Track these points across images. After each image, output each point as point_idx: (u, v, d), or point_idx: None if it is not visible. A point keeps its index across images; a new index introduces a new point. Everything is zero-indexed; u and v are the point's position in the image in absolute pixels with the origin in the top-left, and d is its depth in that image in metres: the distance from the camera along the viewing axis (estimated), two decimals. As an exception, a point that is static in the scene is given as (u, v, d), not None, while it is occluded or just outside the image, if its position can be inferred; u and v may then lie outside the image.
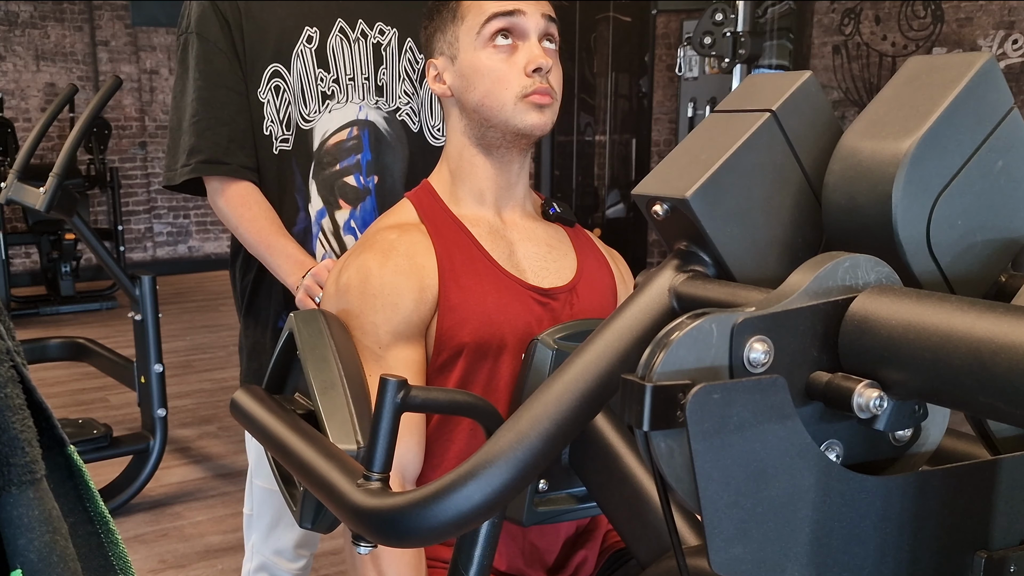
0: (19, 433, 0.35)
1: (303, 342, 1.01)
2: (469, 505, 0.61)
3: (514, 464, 0.61)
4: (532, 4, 1.18)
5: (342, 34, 1.59)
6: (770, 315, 0.49)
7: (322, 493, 0.76)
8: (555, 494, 1.03)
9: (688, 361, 0.48)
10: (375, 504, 0.67)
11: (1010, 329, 0.42)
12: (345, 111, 1.59)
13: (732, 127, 0.61)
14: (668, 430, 0.48)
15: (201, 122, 1.55)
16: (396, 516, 0.64)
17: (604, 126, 6.65)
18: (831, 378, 0.49)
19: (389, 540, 0.68)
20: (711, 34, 3.02)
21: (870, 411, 0.48)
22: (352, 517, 0.70)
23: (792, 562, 0.48)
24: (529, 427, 0.61)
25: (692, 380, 0.47)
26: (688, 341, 0.48)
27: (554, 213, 1.28)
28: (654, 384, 0.47)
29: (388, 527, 0.66)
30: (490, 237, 1.22)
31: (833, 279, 0.51)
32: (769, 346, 0.49)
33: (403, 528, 0.64)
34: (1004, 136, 0.56)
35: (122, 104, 7.38)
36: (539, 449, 0.61)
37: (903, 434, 0.54)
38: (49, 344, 3.50)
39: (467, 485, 0.61)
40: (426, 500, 0.62)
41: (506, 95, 1.17)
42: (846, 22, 6.39)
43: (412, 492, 0.64)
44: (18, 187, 2.75)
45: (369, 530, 0.68)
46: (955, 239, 0.56)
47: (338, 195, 1.59)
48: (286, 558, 1.74)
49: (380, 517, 0.66)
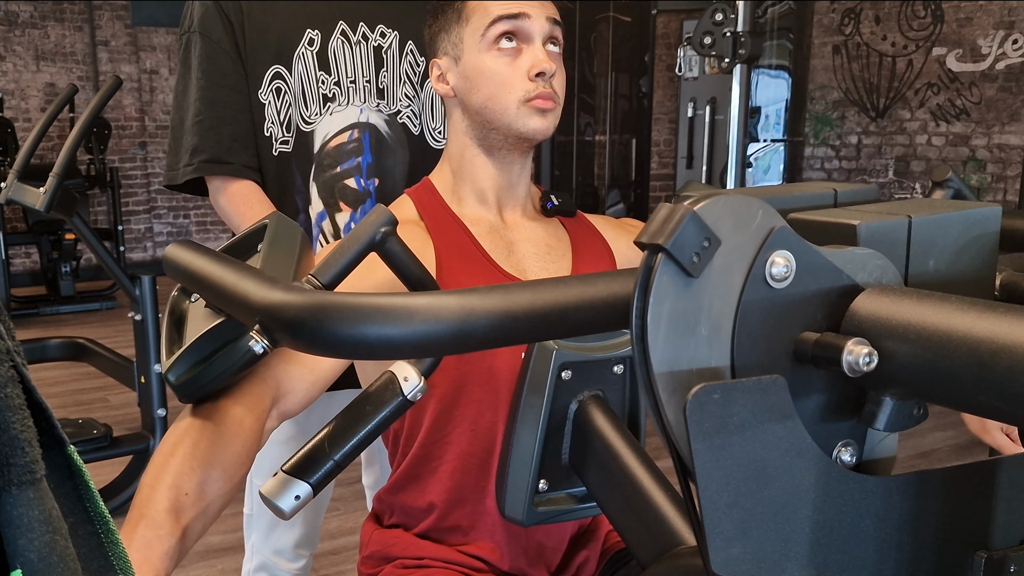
0: (19, 433, 0.35)
1: (272, 235, 0.88)
2: (404, 333, 0.55)
3: (462, 320, 0.55)
4: (537, 7, 1.18)
5: (343, 37, 1.59)
6: (806, 245, 0.49)
7: (233, 293, 0.65)
8: (555, 494, 1.03)
9: (724, 223, 0.47)
10: (304, 298, 0.58)
11: (1010, 329, 0.42)
12: (346, 114, 1.59)
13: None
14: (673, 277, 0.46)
15: (204, 122, 1.55)
16: (325, 311, 0.56)
17: (604, 126, 6.65)
18: (820, 336, 0.49)
19: (300, 336, 0.58)
20: (711, 34, 3.02)
21: (860, 369, 0.47)
22: (268, 306, 0.60)
23: (792, 562, 0.48)
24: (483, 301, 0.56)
25: (721, 240, 0.46)
26: (736, 206, 0.47)
27: (552, 207, 1.28)
28: (695, 211, 0.45)
29: (309, 320, 0.56)
30: (489, 236, 1.22)
31: (863, 268, 0.51)
32: (791, 266, 0.48)
33: (325, 325, 0.56)
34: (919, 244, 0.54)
35: (122, 104, 7.39)
36: (488, 323, 0.55)
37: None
38: (49, 344, 3.50)
39: (413, 315, 0.55)
40: (369, 307, 0.55)
41: (509, 99, 1.17)
42: (846, 22, 6.39)
43: (351, 295, 0.57)
44: (18, 187, 2.75)
45: (283, 320, 0.58)
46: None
47: (338, 197, 1.59)
48: (286, 558, 1.74)
49: (305, 308, 0.57)
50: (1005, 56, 5.67)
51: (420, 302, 0.55)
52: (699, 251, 0.46)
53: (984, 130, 5.81)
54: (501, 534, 1.20)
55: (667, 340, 0.47)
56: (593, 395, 0.95)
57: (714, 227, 0.46)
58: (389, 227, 0.74)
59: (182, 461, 0.82)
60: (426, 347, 0.56)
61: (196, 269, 0.73)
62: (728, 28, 2.98)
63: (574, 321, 0.57)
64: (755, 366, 0.49)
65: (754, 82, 5.48)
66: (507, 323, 0.56)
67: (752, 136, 5.74)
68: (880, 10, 6.21)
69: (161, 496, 0.79)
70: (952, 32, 5.88)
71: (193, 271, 0.73)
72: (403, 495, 1.23)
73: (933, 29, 5.96)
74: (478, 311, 0.55)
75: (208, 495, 0.82)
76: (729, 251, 0.47)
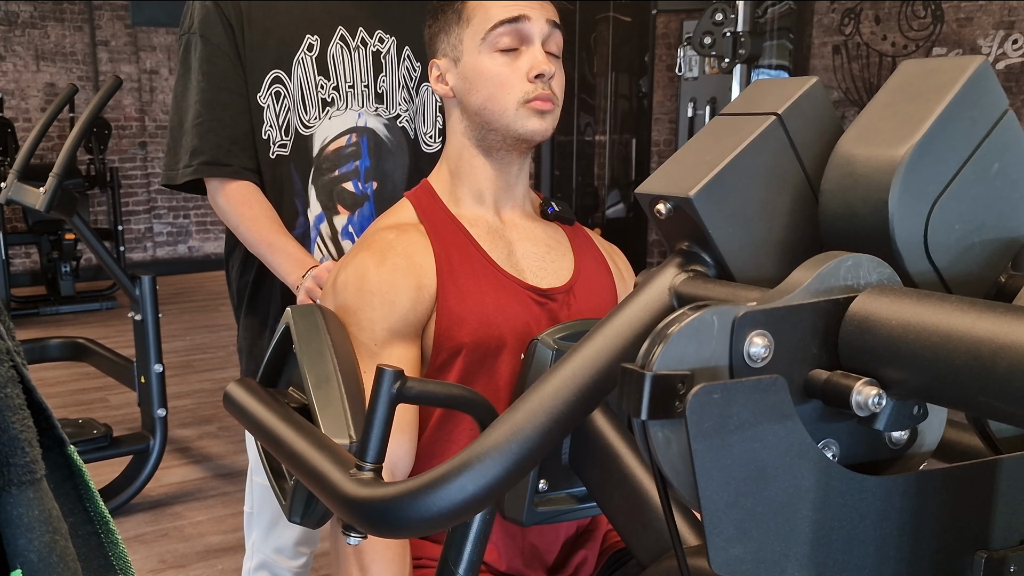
0: (19, 433, 0.35)
1: (299, 336, 1.01)
2: (462, 496, 0.61)
3: (508, 457, 0.60)
4: (537, 9, 1.18)
5: (342, 42, 1.60)
6: (772, 310, 0.49)
7: (313, 483, 0.75)
8: (555, 494, 1.03)
9: (688, 353, 0.48)
10: (367, 493, 0.66)
11: (1010, 329, 0.42)
12: (344, 118, 1.60)
13: (737, 129, 0.61)
14: (665, 420, 0.47)
15: (204, 124, 1.56)
16: (388, 505, 0.64)
17: (604, 126, 6.64)
18: (830, 376, 0.49)
19: (380, 530, 0.67)
20: (711, 34, 3.01)
21: (869, 409, 0.48)
22: (343, 506, 0.69)
23: (792, 562, 0.48)
24: (525, 420, 0.61)
25: (691, 372, 0.47)
26: (689, 332, 0.48)
27: (553, 212, 1.29)
28: (654, 373, 0.47)
29: (379, 516, 0.65)
30: (489, 237, 1.22)
31: (835, 278, 0.51)
32: (769, 341, 0.49)
33: (394, 518, 0.64)
34: (999, 139, 0.56)
35: (122, 104, 7.38)
36: (534, 442, 0.61)
37: (900, 436, 0.54)
38: (49, 344, 3.50)
39: (461, 476, 0.61)
40: (419, 490, 0.62)
41: (508, 100, 1.17)
42: (846, 22, 6.39)
43: (405, 482, 0.64)
44: (18, 187, 2.75)
45: (359, 519, 0.68)
46: (953, 242, 0.56)
47: (336, 200, 1.60)
48: (286, 556, 1.74)
49: (371, 506, 0.65)
50: (1005, 56, 5.67)
51: (468, 457, 0.61)
52: (678, 397, 0.47)
53: (984, 130, 5.80)
54: (499, 535, 1.20)
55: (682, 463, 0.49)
56: (593, 395, 0.95)
57: (679, 366, 0.48)
58: (399, 381, 0.78)
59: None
60: (492, 496, 0.62)
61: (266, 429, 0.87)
62: (728, 28, 2.98)
63: (605, 391, 0.63)
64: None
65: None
66: (548, 433, 0.62)
67: (752, 136, 5.74)
68: (880, 10, 6.21)
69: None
70: (952, 32, 5.87)
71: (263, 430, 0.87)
72: (403, 495, 1.23)
73: (933, 29, 5.96)
74: (521, 436, 0.61)
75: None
76: (706, 371, 0.48)
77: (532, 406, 0.61)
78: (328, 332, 1.02)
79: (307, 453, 0.77)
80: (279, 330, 1.05)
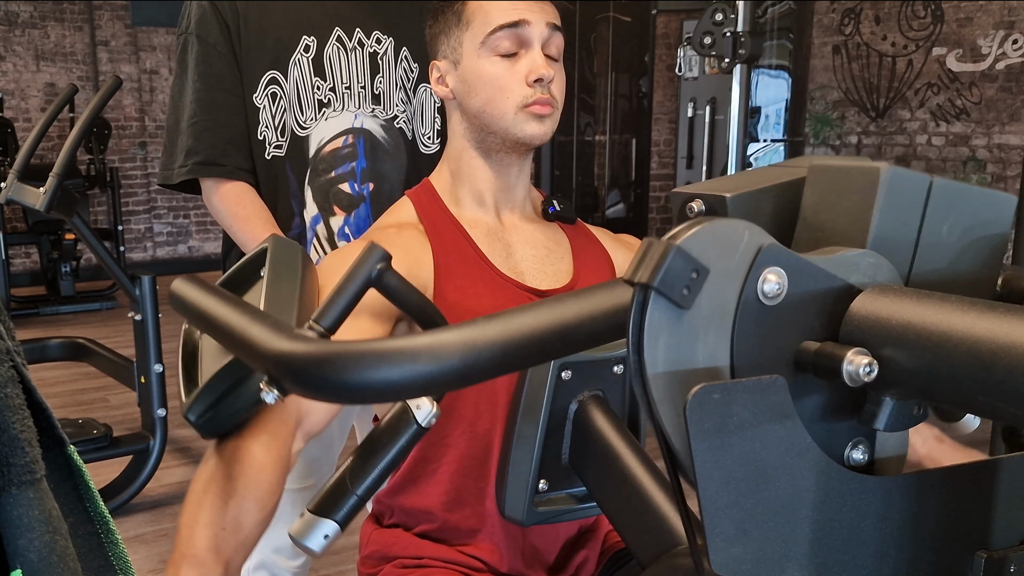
0: (19, 433, 0.35)
1: (272, 263, 0.91)
2: (409, 375, 0.55)
3: (464, 356, 0.55)
4: (537, 12, 1.18)
5: (339, 43, 1.60)
6: (795, 256, 0.49)
7: (242, 343, 0.66)
8: (555, 494, 1.03)
9: (711, 253, 0.47)
10: (306, 347, 0.59)
11: (1010, 329, 0.42)
12: (341, 119, 1.60)
13: (789, 171, 0.61)
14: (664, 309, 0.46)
15: (199, 124, 1.56)
16: (332, 360, 0.57)
17: (604, 126, 6.64)
18: (822, 346, 0.49)
19: (307, 385, 0.59)
20: (711, 34, 3.01)
21: (860, 379, 0.47)
22: (274, 356, 0.61)
23: (792, 562, 0.48)
24: (486, 333, 0.56)
25: (709, 268, 0.46)
26: (719, 232, 0.47)
27: (553, 212, 1.28)
28: (679, 246, 0.46)
29: (315, 369, 0.57)
30: (488, 239, 1.22)
31: (856, 268, 0.51)
32: (783, 282, 0.49)
33: (330, 373, 0.57)
34: (936, 209, 0.56)
35: (122, 104, 7.38)
36: (492, 356, 0.56)
37: (859, 459, 0.54)
38: (49, 344, 3.50)
39: (418, 356, 0.55)
40: (370, 353, 0.56)
41: (507, 104, 1.17)
42: (846, 22, 6.39)
43: (354, 342, 0.58)
44: (18, 187, 2.75)
45: (290, 371, 0.60)
46: (938, 277, 0.56)
47: (332, 202, 1.60)
48: (285, 555, 1.74)
49: (309, 359, 0.58)
50: (1005, 56, 5.67)
51: (421, 343, 0.55)
52: (688, 284, 0.46)
53: (984, 130, 5.81)
54: (500, 536, 1.20)
55: (666, 372, 0.47)
56: (593, 395, 0.95)
57: (701, 257, 0.47)
58: (384, 263, 0.75)
59: (215, 498, 0.85)
60: (431, 387, 0.57)
61: (203, 309, 0.74)
62: (728, 28, 2.98)
63: (576, 338, 0.58)
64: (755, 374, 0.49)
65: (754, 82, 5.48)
66: (510, 351, 0.56)
67: (752, 136, 5.74)
68: (880, 10, 6.21)
69: (200, 535, 0.82)
70: (952, 32, 5.87)
71: (200, 310, 0.75)
72: (402, 497, 1.23)
73: (933, 29, 5.96)
74: (479, 344, 0.55)
75: (245, 526, 0.85)
76: (719, 277, 0.47)
77: (498, 324, 0.56)
78: (302, 271, 0.93)
79: (243, 319, 0.67)
80: (254, 251, 0.96)
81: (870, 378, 0.47)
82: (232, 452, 0.89)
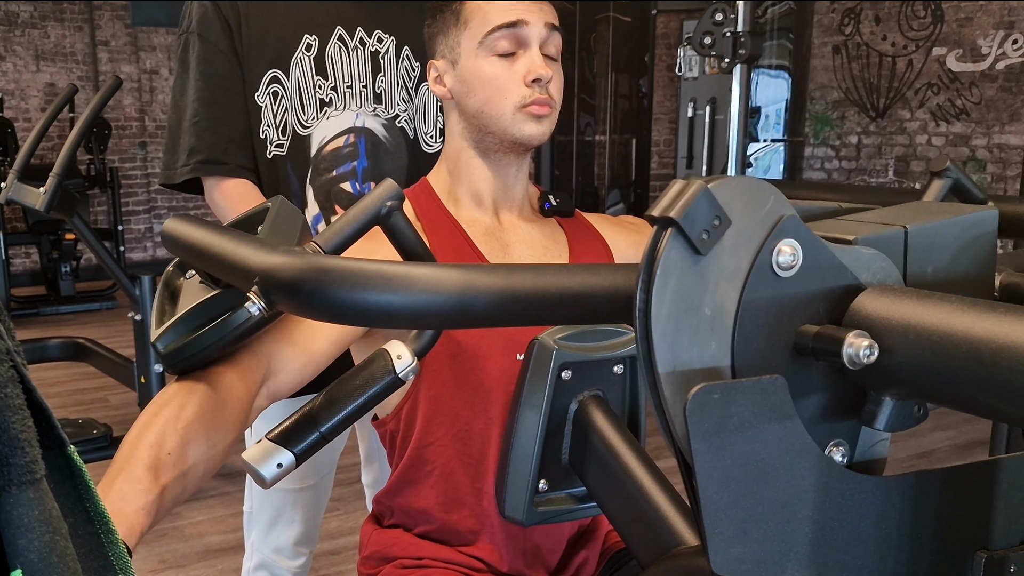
0: (19, 433, 0.35)
1: (273, 219, 0.86)
2: (407, 302, 0.54)
3: (461, 296, 0.54)
4: (535, 12, 1.18)
5: (340, 42, 1.60)
6: (813, 236, 0.49)
7: (235, 261, 0.63)
8: (555, 494, 1.03)
9: (736, 203, 0.47)
10: (303, 261, 0.56)
11: (1010, 329, 0.42)
12: (342, 118, 1.60)
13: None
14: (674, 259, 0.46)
15: (201, 123, 1.56)
16: (325, 274, 0.55)
17: (604, 126, 6.64)
18: (821, 328, 0.49)
19: (298, 298, 0.56)
20: (711, 34, 3.01)
21: (860, 362, 0.47)
22: (266, 267, 0.58)
23: (792, 562, 0.48)
24: (487, 279, 0.55)
25: (732, 220, 0.46)
26: (749, 189, 0.47)
27: (550, 207, 1.28)
28: (709, 187, 0.45)
29: (309, 282, 0.55)
30: (485, 238, 1.22)
31: (868, 265, 0.51)
32: (798, 255, 0.48)
33: (324, 288, 0.55)
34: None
35: (122, 104, 7.38)
36: (487, 300, 0.55)
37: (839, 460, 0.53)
38: (49, 344, 3.50)
39: (414, 283, 0.54)
40: (369, 273, 0.54)
41: (505, 104, 1.17)
42: (846, 22, 6.39)
43: (353, 260, 0.56)
44: (18, 187, 2.75)
45: (281, 281, 0.57)
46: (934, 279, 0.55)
47: (334, 201, 1.60)
48: (285, 556, 1.74)
49: (306, 270, 0.56)
50: (1005, 56, 5.67)
51: (422, 272, 0.54)
52: (709, 229, 0.46)
53: (984, 130, 5.80)
54: (500, 536, 1.20)
55: (670, 316, 0.46)
56: (593, 395, 0.95)
57: (726, 206, 0.46)
58: (396, 202, 0.74)
59: (166, 421, 0.81)
60: (425, 318, 0.55)
61: (196, 240, 0.71)
62: (728, 28, 2.98)
63: (574, 308, 0.56)
64: (755, 354, 0.49)
65: (754, 82, 5.48)
66: (507, 302, 0.55)
67: (752, 136, 5.74)
68: (880, 10, 6.21)
69: (142, 453, 0.78)
70: (952, 32, 5.87)
71: (192, 242, 0.72)
72: (400, 498, 1.23)
73: (933, 29, 5.96)
74: (479, 286, 0.54)
75: (190, 457, 0.81)
76: (738, 233, 0.47)
77: (501, 274, 0.56)
78: (300, 237, 0.88)
79: (237, 243, 0.64)
80: (256, 207, 0.92)
81: (870, 360, 0.46)
82: (198, 377, 0.85)
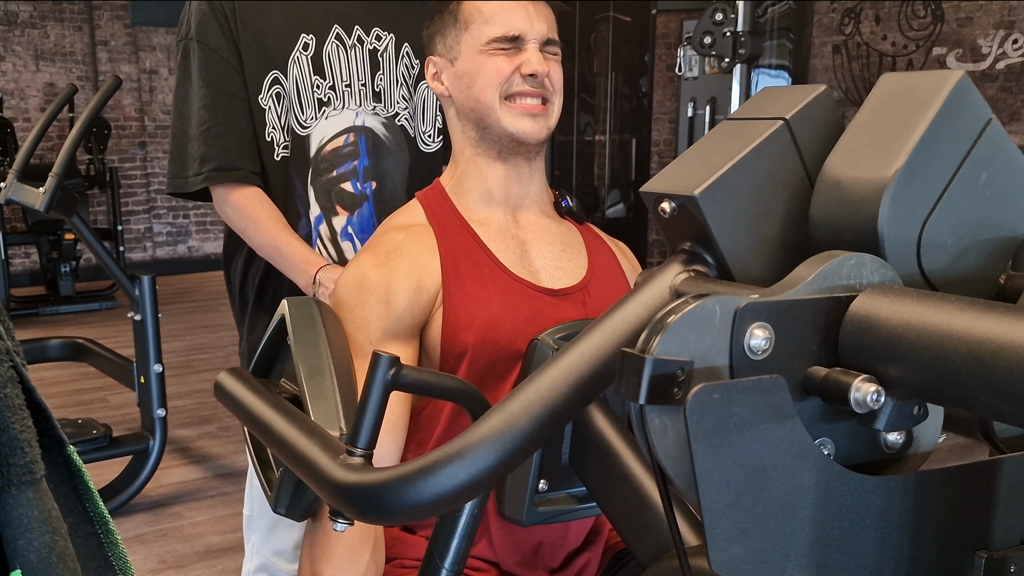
0: (19, 433, 0.35)
1: (294, 327, 1.00)
2: (452, 484, 0.60)
3: (501, 446, 0.60)
4: (534, 29, 1.19)
5: (338, 41, 1.59)
6: (774, 302, 0.49)
7: (301, 468, 0.74)
8: (555, 494, 1.03)
9: (688, 341, 0.48)
10: (356, 478, 0.66)
11: (1010, 329, 0.42)
12: (342, 117, 1.59)
13: (745, 133, 0.61)
14: (663, 408, 0.47)
15: (210, 130, 1.55)
16: (378, 491, 0.63)
17: (604, 126, 6.64)
18: (829, 372, 0.49)
19: (367, 515, 0.66)
20: (711, 34, 3.01)
21: (867, 406, 0.47)
22: (331, 490, 0.68)
23: (792, 562, 0.48)
24: (520, 410, 0.60)
25: (691, 359, 0.47)
26: (691, 320, 0.48)
27: (566, 206, 1.29)
28: (654, 357, 0.46)
29: (368, 502, 0.64)
30: (499, 238, 1.21)
31: (838, 276, 0.51)
32: (770, 334, 0.49)
33: (383, 503, 0.63)
34: (984, 150, 0.55)
35: (122, 104, 7.38)
36: (528, 433, 0.60)
37: (895, 440, 0.54)
38: (49, 344, 3.50)
39: (452, 464, 0.60)
40: (410, 476, 0.61)
41: (493, 93, 1.18)
42: (846, 22, 6.39)
43: (395, 467, 0.64)
44: (18, 187, 2.75)
45: (348, 504, 0.67)
46: (947, 260, 0.56)
47: (335, 201, 1.59)
48: (286, 559, 1.74)
49: (360, 491, 0.65)
50: (1005, 56, 5.67)
51: (452, 451, 0.60)
52: (677, 383, 0.47)
53: (984, 130, 5.80)
54: (500, 535, 1.19)
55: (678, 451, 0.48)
56: (593, 395, 0.95)
57: (679, 353, 0.47)
58: (394, 367, 0.77)
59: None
60: (483, 484, 0.61)
61: (256, 416, 0.85)
62: (728, 28, 2.98)
63: (601, 384, 0.61)
64: None
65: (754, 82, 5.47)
66: (546, 421, 0.61)
67: (752, 136, 5.73)
68: (880, 10, 6.21)
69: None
70: (952, 32, 5.87)
71: (252, 416, 0.86)
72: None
73: (933, 29, 5.96)
74: (515, 426, 0.60)
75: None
76: (705, 359, 0.48)
77: (528, 396, 0.61)
78: (324, 325, 1.01)
79: (297, 440, 0.76)
80: (274, 321, 1.04)
81: (877, 404, 0.47)
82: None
